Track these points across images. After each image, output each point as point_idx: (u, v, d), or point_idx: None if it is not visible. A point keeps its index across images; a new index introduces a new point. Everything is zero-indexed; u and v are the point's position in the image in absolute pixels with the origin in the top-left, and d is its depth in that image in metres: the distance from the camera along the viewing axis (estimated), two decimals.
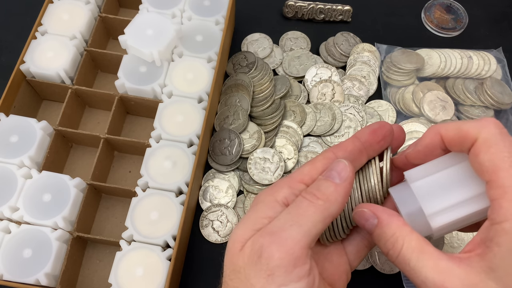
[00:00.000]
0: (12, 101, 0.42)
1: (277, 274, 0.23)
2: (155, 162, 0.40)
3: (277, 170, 0.45)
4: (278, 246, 0.23)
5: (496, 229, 0.22)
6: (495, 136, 0.23)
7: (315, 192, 0.25)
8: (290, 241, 0.23)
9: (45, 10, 0.46)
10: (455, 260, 0.23)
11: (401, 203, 0.27)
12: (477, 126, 0.24)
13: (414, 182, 0.27)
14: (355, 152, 0.27)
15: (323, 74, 0.51)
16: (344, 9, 0.54)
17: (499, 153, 0.22)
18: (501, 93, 0.49)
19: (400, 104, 0.50)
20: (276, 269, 0.23)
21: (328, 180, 0.25)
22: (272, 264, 0.23)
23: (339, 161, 0.26)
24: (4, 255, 0.36)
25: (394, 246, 0.24)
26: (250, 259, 0.24)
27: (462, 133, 0.24)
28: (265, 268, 0.23)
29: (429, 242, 0.24)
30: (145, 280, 0.36)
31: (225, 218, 0.43)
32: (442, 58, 0.51)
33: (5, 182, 0.38)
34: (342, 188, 0.25)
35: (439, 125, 0.26)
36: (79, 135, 0.43)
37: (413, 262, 0.23)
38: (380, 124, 0.28)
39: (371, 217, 0.26)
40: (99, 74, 0.50)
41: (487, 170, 0.23)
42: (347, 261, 0.29)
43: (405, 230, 0.24)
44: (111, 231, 0.42)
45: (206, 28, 0.46)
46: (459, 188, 0.25)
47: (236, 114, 0.47)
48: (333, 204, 0.25)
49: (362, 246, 0.30)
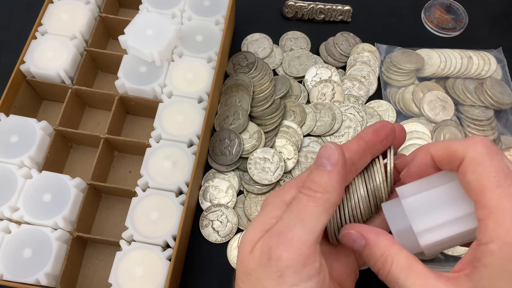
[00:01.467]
0: (12, 101, 0.42)
1: (287, 274, 0.23)
2: (155, 162, 0.40)
3: (277, 170, 0.45)
4: (286, 247, 0.23)
5: (483, 250, 0.21)
6: (482, 155, 0.23)
7: (311, 185, 0.25)
8: (297, 240, 0.23)
9: (45, 10, 0.46)
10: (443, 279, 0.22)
11: (391, 219, 0.27)
12: (464, 145, 0.23)
13: (405, 198, 0.26)
14: (360, 152, 0.27)
15: (323, 74, 0.51)
16: (344, 9, 0.54)
17: (485, 172, 0.22)
18: (501, 93, 0.49)
19: (400, 104, 0.50)
20: (285, 270, 0.23)
21: (320, 169, 0.25)
22: (282, 265, 0.23)
23: (325, 146, 0.26)
24: (4, 255, 0.36)
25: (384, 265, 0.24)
26: (260, 261, 0.24)
27: (451, 152, 0.24)
28: (275, 269, 0.23)
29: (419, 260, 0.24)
30: (145, 280, 0.36)
31: (225, 218, 0.43)
32: (442, 58, 0.51)
33: (5, 182, 0.38)
34: (336, 174, 0.25)
35: (429, 144, 0.26)
36: (79, 135, 0.43)
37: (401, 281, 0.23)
38: (382, 124, 0.28)
39: (359, 238, 0.25)
40: (99, 74, 0.50)
41: (474, 189, 0.22)
42: (354, 260, 0.29)
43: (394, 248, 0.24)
44: (111, 231, 0.42)
45: (206, 28, 0.46)
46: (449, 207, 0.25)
47: (236, 114, 0.47)
48: (331, 193, 0.25)
49: None
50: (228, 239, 0.43)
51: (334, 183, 0.25)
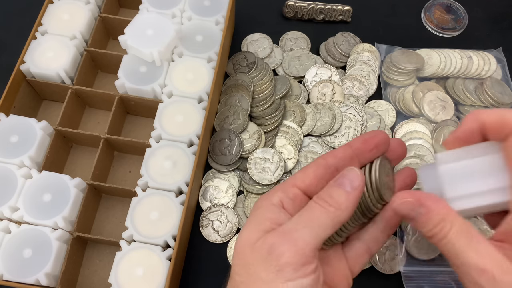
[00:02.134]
0: (12, 101, 0.43)
1: (286, 270, 0.24)
2: (155, 162, 0.40)
3: (277, 170, 0.45)
4: (289, 246, 0.24)
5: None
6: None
7: (327, 198, 0.26)
8: (301, 242, 0.24)
9: (45, 10, 0.46)
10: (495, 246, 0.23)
11: (426, 182, 0.27)
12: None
13: (442, 164, 0.27)
14: (345, 159, 0.28)
15: (323, 74, 0.51)
16: (344, 9, 0.54)
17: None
18: (501, 93, 0.49)
19: (400, 104, 0.50)
20: (285, 266, 0.24)
21: (340, 188, 0.26)
22: (282, 261, 0.24)
23: (351, 169, 0.27)
24: (4, 255, 0.36)
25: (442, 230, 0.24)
26: (260, 255, 0.25)
27: (505, 119, 0.25)
28: (274, 264, 0.24)
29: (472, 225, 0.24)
30: (145, 280, 0.36)
31: (225, 218, 0.43)
32: (442, 58, 0.51)
33: (5, 182, 0.38)
34: (353, 197, 0.26)
35: (479, 110, 0.26)
36: (79, 135, 0.43)
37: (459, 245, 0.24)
38: (373, 134, 0.29)
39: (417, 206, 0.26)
40: (99, 74, 0.50)
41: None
42: (346, 266, 0.30)
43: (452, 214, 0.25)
44: (111, 231, 0.42)
45: (206, 28, 0.46)
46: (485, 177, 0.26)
47: (236, 114, 0.47)
48: (344, 211, 0.26)
49: (362, 251, 0.30)
50: (228, 239, 0.43)
51: (349, 204, 0.26)
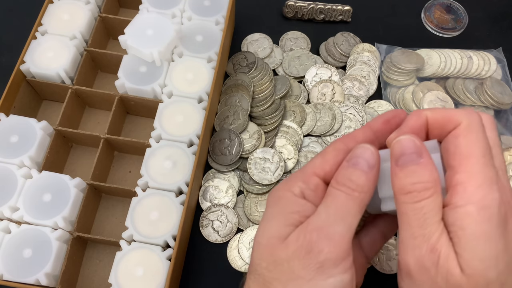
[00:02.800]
0: (12, 101, 0.42)
1: (327, 266, 0.24)
2: (155, 162, 0.40)
3: (277, 170, 0.45)
4: (327, 242, 0.24)
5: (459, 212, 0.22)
6: (478, 125, 0.24)
7: (349, 183, 0.25)
8: (338, 236, 0.24)
9: (45, 10, 0.46)
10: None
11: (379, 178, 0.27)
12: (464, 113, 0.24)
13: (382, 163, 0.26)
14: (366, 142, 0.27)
15: (323, 74, 0.51)
16: (344, 9, 0.54)
17: (476, 141, 0.23)
18: (501, 93, 0.49)
19: (400, 104, 0.50)
20: (325, 262, 0.24)
21: (357, 168, 0.25)
22: (322, 258, 0.24)
23: (365, 147, 0.26)
24: (4, 255, 0.36)
25: None
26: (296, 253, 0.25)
27: (448, 116, 0.25)
28: (314, 261, 0.24)
29: None
30: (145, 280, 0.36)
31: (225, 218, 0.43)
32: (442, 58, 0.51)
33: (5, 182, 0.38)
34: (373, 176, 0.25)
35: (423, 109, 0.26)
36: (79, 135, 0.43)
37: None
38: (395, 113, 0.27)
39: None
40: (99, 74, 0.50)
41: (460, 153, 0.23)
42: (362, 253, 0.30)
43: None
44: (111, 231, 0.42)
45: (206, 28, 0.46)
46: None
47: (236, 114, 0.47)
48: (367, 194, 0.25)
49: (378, 237, 0.30)
50: (228, 239, 0.43)
51: (370, 184, 0.25)
